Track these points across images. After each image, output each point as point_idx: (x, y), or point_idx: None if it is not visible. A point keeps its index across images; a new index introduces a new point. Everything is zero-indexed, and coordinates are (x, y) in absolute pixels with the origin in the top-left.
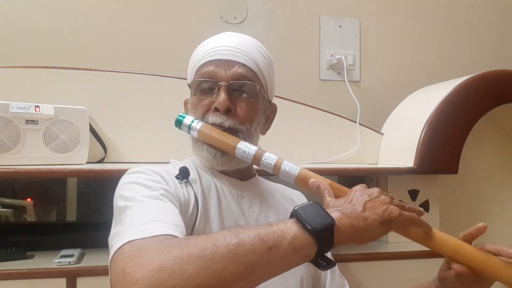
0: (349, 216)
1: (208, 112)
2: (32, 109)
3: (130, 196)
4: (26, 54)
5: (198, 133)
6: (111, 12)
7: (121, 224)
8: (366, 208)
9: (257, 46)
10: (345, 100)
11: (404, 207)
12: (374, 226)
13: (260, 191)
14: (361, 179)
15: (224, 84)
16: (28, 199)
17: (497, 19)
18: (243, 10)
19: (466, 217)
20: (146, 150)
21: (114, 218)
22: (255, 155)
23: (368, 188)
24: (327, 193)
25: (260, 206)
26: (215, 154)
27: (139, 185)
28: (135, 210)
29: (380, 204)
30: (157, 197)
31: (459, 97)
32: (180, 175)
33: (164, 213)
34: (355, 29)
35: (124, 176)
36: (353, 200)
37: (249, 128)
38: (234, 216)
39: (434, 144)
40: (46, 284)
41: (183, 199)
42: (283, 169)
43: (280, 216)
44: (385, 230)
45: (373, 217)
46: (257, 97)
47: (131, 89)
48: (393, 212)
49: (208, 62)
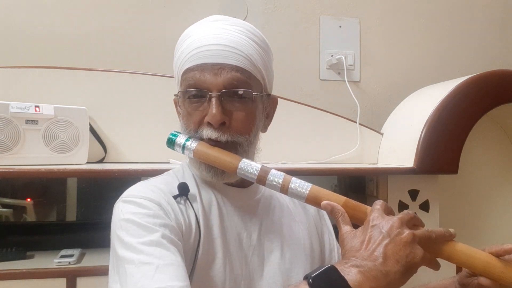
0: (369, 277)
1: (201, 125)
2: (32, 109)
3: (128, 244)
4: (26, 54)
5: (194, 153)
6: (111, 12)
7: (121, 284)
8: (387, 257)
9: (248, 34)
10: (345, 100)
11: (430, 237)
12: (396, 279)
13: (261, 197)
14: (361, 179)
15: (216, 94)
16: (28, 199)
17: (497, 19)
18: (243, 10)
19: (466, 217)
20: (146, 150)
21: (112, 263)
22: (259, 176)
23: (387, 213)
24: (341, 219)
25: (261, 215)
26: (215, 173)
27: (136, 226)
28: (135, 269)
29: (403, 246)
30: (157, 243)
31: (459, 97)
32: (180, 194)
33: (166, 275)
34: (355, 29)
35: (120, 204)
36: (371, 241)
37: (248, 137)
38: (236, 229)
39: (434, 144)
40: (46, 284)
41: (184, 226)
42: (292, 189)
43: (283, 220)
44: (408, 277)
45: (395, 269)
46: (255, 101)
47: (131, 89)
48: (417, 256)
49: (194, 66)
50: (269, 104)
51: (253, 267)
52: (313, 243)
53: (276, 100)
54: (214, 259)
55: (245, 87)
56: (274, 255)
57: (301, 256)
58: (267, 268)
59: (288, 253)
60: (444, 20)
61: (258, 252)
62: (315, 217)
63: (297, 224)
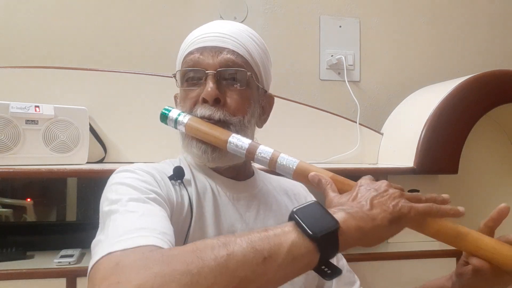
0: (355, 216)
1: (197, 104)
2: (32, 109)
3: (116, 199)
4: (26, 54)
5: (186, 127)
6: (111, 12)
7: (103, 231)
8: (374, 205)
9: (249, 33)
10: (345, 100)
11: (420, 199)
12: (383, 225)
13: (258, 192)
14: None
15: (212, 72)
16: (28, 199)
17: (497, 19)
18: (243, 10)
19: (466, 217)
20: (146, 150)
21: (100, 224)
22: (249, 149)
23: (375, 181)
24: (329, 187)
25: (258, 208)
26: (205, 150)
27: (126, 186)
28: (119, 216)
29: (389, 199)
30: (145, 201)
31: (459, 97)
32: (175, 176)
33: (151, 219)
34: (355, 29)
35: (113, 175)
36: (358, 196)
37: (242, 119)
38: (231, 220)
39: (434, 144)
40: (46, 284)
41: (175, 203)
42: (280, 163)
43: (280, 218)
44: (395, 229)
45: (381, 215)
46: (250, 85)
47: (131, 89)
48: (403, 208)
49: (194, 49)
50: (265, 99)
51: None
52: None
53: (273, 98)
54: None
55: (240, 69)
56: None
57: None
58: None
59: None
60: (444, 20)
61: None
62: None
63: None
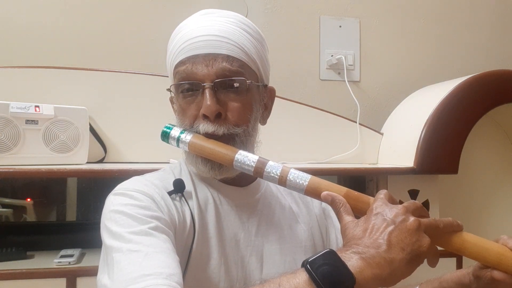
0: (371, 264)
1: (197, 119)
2: (32, 109)
3: (117, 233)
4: (26, 54)
5: (189, 146)
6: (111, 12)
7: (108, 272)
8: (392, 244)
9: (241, 25)
10: (345, 100)
11: (438, 227)
12: (401, 268)
13: (261, 195)
14: (361, 179)
15: (209, 84)
16: (28, 199)
17: (497, 19)
18: (243, 10)
19: (466, 217)
20: (146, 150)
21: (102, 255)
22: (256, 168)
23: (392, 200)
24: (343, 210)
25: (260, 215)
26: (212, 166)
27: (126, 216)
28: (123, 257)
29: (408, 234)
30: (147, 233)
31: (459, 97)
32: (175, 191)
33: (156, 260)
34: (355, 29)
35: (110, 197)
36: (374, 229)
37: (246, 129)
38: (233, 228)
39: (434, 144)
40: (46, 284)
41: (178, 222)
42: (290, 180)
43: (283, 222)
44: (415, 266)
45: (400, 256)
46: (250, 90)
47: (131, 89)
48: (423, 244)
49: (186, 59)
50: (267, 95)
51: (250, 269)
52: (316, 244)
53: (274, 90)
54: (209, 259)
55: (239, 76)
56: (273, 256)
57: (301, 258)
58: (265, 270)
59: (288, 255)
60: (444, 20)
61: (256, 253)
62: (319, 216)
63: (299, 225)
